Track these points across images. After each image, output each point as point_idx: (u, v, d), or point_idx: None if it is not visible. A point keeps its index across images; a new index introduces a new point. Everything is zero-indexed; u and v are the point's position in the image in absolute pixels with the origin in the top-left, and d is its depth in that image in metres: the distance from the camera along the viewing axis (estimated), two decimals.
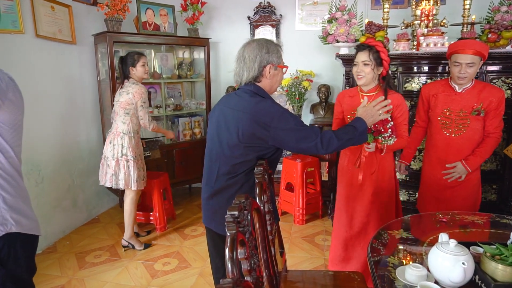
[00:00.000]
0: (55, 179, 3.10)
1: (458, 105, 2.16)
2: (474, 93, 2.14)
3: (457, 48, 2.06)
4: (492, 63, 2.67)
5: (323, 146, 1.52)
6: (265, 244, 1.46)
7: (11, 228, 1.32)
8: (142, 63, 2.82)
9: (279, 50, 1.62)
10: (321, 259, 2.81)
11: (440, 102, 2.21)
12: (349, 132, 1.59)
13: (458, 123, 2.16)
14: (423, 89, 2.35)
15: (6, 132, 1.31)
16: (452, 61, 2.09)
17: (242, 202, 1.17)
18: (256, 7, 3.96)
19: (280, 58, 1.62)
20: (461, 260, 1.09)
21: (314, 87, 3.84)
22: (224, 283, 0.73)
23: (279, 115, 1.48)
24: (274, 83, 1.63)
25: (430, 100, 2.28)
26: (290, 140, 1.50)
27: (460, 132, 2.17)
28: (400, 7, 3.60)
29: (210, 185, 1.70)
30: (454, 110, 2.16)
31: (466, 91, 2.15)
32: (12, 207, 1.33)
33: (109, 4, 3.30)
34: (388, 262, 1.34)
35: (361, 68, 2.01)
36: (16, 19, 2.68)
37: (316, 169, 3.53)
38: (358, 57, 2.02)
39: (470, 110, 2.13)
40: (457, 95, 2.17)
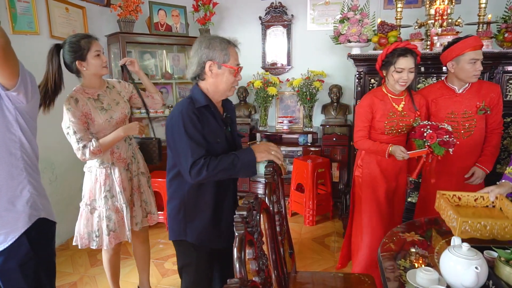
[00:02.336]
0: (68, 178, 3.15)
1: (461, 107, 2.10)
2: (474, 92, 2.09)
3: (470, 45, 2.00)
4: (509, 63, 2.61)
5: (191, 173, 1.38)
6: (274, 245, 1.46)
7: (41, 213, 1.38)
8: (96, 52, 1.85)
9: (227, 48, 1.46)
10: (331, 261, 2.78)
11: (442, 107, 2.14)
12: (226, 163, 1.40)
13: (465, 125, 2.11)
14: (415, 96, 2.26)
15: (30, 125, 1.36)
16: (467, 59, 2.01)
17: (251, 202, 1.16)
18: (267, 7, 3.95)
19: (227, 57, 1.45)
20: (474, 264, 1.07)
21: (326, 87, 3.81)
22: (231, 283, 0.73)
23: (177, 126, 1.42)
24: (220, 83, 1.48)
25: (430, 106, 2.18)
26: (175, 155, 1.47)
27: (468, 134, 2.12)
28: (413, 6, 3.55)
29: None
30: (459, 112, 2.11)
31: (466, 91, 2.11)
32: (40, 194, 1.40)
33: (122, 5, 3.34)
34: (399, 265, 1.32)
35: (407, 75, 1.97)
36: (32, 20, 2.73)
37: (327, 170, 3.50)
38: (403, 63, 1.96)
39: (475, 110, 2.08)
40: (458, 96, 2.11)
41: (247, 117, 3.98)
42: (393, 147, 2.03)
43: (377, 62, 2.14)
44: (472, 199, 1.70)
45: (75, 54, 1.81)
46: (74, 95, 1.85)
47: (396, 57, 1.98)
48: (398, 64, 1.97)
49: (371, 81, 2.87)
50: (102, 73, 1.92)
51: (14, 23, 2.59)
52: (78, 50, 1.81)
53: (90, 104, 1.86)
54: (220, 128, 1.52)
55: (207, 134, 1.45)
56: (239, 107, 4.02)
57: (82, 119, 1.83)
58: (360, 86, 2.89)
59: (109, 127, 1.92)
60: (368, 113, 2.11)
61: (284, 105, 4.08)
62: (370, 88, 2.87)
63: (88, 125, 1.87)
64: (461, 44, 2.02)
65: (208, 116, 1.48)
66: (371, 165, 2.21)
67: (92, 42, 1.84)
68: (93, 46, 1.84)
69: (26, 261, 1.32)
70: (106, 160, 1.96)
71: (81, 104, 1.84)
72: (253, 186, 3.93)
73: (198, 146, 1.40)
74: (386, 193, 2.20)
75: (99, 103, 1.91)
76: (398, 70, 1.98)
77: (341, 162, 3.64)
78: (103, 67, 1.89)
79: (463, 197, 1.71)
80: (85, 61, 1.83)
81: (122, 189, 1.99)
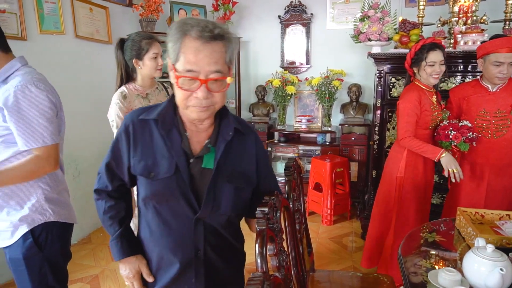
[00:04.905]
0: (91, 174, 3.23)
1: (494, 105, 2.06)
2: (509, 91, 2.04)
3: (497, 47, 1.96)
4: None
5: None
6: (294, 242, 1.47)
7: (49, 217, 1.42)
8: (153, 54, 1.91)
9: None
10: (349, 260, 2.77)
11: (473, 105, 2.12)
12: (107, 216, 1.19)
13: (497, 124, 2.06)
14: (450, 93, 2.25)
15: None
16: (492, 60, 1.98)
17: (272, 199, 1.17)
18: (286, 6, 3.95)
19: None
20: (499, 266, 1.05)
21: (345, 86, 3.78)
22: (255, 276, 0.74)
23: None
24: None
25: (462, 104, 2.17)
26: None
27: (500, 134, 2.07)
28: (436, 4, 3.48)
29: None
30: (491, 111, 2.07)
31: (500, 89, 2.06)
32: (50, 198, 1.43)
33: (143, 5, 3.41)
34: (420, 266, 1.31)
35: (439, 67, 2.03)
36: (58, 20, 2.82)
37: (346, 169, 3.48)
38: (433, 56, 2.02)
39: (509, 110, 2.03)
40: (491, 95, 2.07)
41: (265, 115, 3.99)
42: (446, 156, 1.99)
43: (406, 61, 2.16)
44: (497, 217, 1.61)
45: (134, 52, 1.89)
46: (124, 90, 1.93)
47: (426, 52, 2.03)
48: (429, 58, 2.02)
49: (391, 80, 2.83)
50: (154, 75, 1.98)
51: (42, 23, 2.67)
52: (137, 49, 1.89)
53: (137, 101, 1.94)
54: (167, 156, 1.03)
55: (136, 160, 1.06)
56: (257, 105, 4.04)
57: None
58: (380, 85, 2.85)
59: None
60: (417, 108, 2.08)
61: (302, 104, 4.07)
62: (391, 87, 2.83)
63: None
64: (489, 43, 1.99)
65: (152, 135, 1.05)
66: (416, 165, 2.17)
67: (153, 44, 1.91)
68: (152, 48, 1.90)
69: (30, 255, 1.38)
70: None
71: (129, 100, 1.90)
72: None
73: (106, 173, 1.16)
74: (426, 193, 2.26)
75: (147, 101, 1.98)
76: (430, 64, 2.03)
77: (359, 161, 3.61)
78: (157, 70, 1.95)
79: (487, 215, 1.62)
80: (142, 61, 1.91)
81: None
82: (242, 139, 1.10)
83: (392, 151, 2.29)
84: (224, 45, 0.94)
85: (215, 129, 1.07)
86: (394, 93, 2.83)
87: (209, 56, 0.92)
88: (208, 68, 0.92)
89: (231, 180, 1.06)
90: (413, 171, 2.18)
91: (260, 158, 1.15)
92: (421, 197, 2.23)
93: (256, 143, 1.15)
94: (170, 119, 1.04)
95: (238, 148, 1.09)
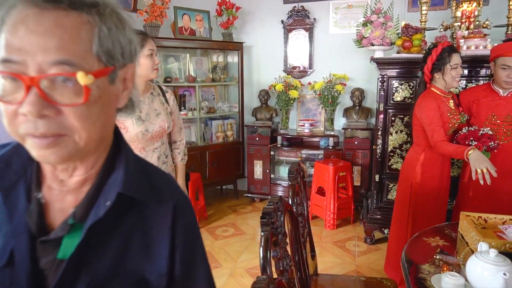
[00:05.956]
0: None
1: (504, 110, 2.07)
2: None
3: (505, 51, 1.97)
4: None
5: None
6: (297, 246, 1.48)
7: None
8: (149, 51, 1.65)
9: None
10: (352, 264, 2.77)
11: (483, 108, 2.12)
12: None
13: (506, 129, 2.07)
14: (461, 96, 2.26)
15: None
16: (499, 64, 1.99)
17: (276, 203, 1.19)
18: (289, 11, 3.98)
19: None
20: (502, 270, 1.05)
21: (348, 90, 3.80)
22: (259, 280, 0.76)
23: None
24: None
25: (472, 107, 2.17)
26: None
27: (509, 139, 2.08)
28: (439, 8, 3.49)
29: None
30: (501, 115, 2.07)
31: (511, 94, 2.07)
32: None
33: (148, 10, 3.44)
34: (423, 270, 1.31)
35: (461, 70, 2.04)
36: None
37: (349, 173, 3.49)
38: (456, 59, 2.02)
39: None
40: (502, 100, 2.08)
41: (268, 120, 4.01)
42: (475, 152, 1.82)
43: (426, 67, 2.10)
44: (500, 221, 1.60)
45: None
46: None
47: (449, 55, 2.02)
48: (453, 61, 2.02)
49: (394, 84, 2.84)
50: (151, 77, 1.70)
51: None
52: None
53: None
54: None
55: None
56: (260, 110, 4.06)
57: None
58: (383, 89, 2.86)
59: (142, 140, 1.68)
60: (439, 114, 2.05)
61: (305, 108, 4.09)
62: (393, 91, 2.84)
63: None
64: (499, 47, 2.03)
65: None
66: (433, 170, 2.14)
67: (147, 40, 1.64)
68: (147, 44, 1.63)
69: None
70: None
71: None
72: (274, 189, 3.95)
73: None
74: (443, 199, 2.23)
75: (137, 111, 1.60)
76: (454, 66, 2.02)
77: (362, 165, 3.61)
78: (154, 70, 1.68)
79: (490, 219, 1.61)
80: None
81: None
82: (140, 212, 0.60)
83: (408, 157, 2.27)
84: (88, 19, 0.51)
85: (92, 190, 0.58)
86: (397, 98, 2.84)
87: (43, 33, 0.48)
88: (43, 56, 0.48)
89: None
90: (429, 177, 2.15)
91: (179, 247, 0.62)
92: (437, 203, 2.20)
93: (176, 219, 0.63)
94: (18, 166, 0.59)
95: (130, 229, 0.59)
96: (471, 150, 1.83)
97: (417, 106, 2.14)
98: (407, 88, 2.81)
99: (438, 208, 2.22)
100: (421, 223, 2.19)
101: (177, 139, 1.94)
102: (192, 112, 3.82)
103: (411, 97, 2.78)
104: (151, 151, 1.73)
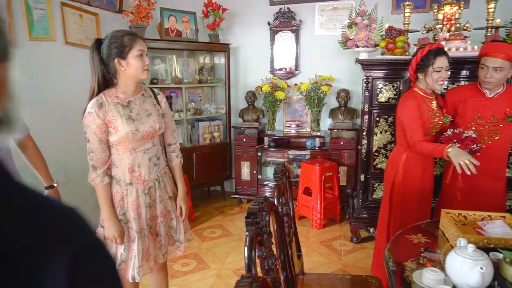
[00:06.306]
0: (81, 180, 3.21)
1: (489, 111, 2.10)
2: (506, 98, 2.09)
3: (486, 51, 2.00)
4: None
5: None
6: (283, 246, 1.49)
7: None
8: (139, 51, 1.62)
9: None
10: (339, 264, 2.80)
11: (469, 108, 2.15)
12: None
13: (490, 129, 2.11)
14: (447, 94, 2.28)
15: None
16: (481, 63, 2.03)
17: (261, 203, 1.20)
18: (276, 12, 4.00)
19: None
20: (479, 264, 1.09)
21: (333, 91, 3.84)
22: (243, 279, 0.77)
23: None
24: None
25: (458, 106, 2.20)
26: None
27: (492, 139, 2.12)
28: (421, 11, 3.57)
29: None
30: (486, 116, 2.11)
31: (498, 96, 2.10)
32: None
33: (134, 11, 3.43)
34: (405, 266, 1.34)
35: (445, 73, 2.03)
36: (47, 27, 2.82)
37: (335, 173, 3.52)
38: (440, 62, 2.01)
39: (503, 116, 2.08)
40: (488, 100, 2.11)
41: (255, 121, 4.03)
42: (454, 149, 1.85)
43: (411, 66, 2.14)
44: (479, 218, 1.66)
45: (116, 50, 1.59)
46: (100, 98, 1.62)
47: (433, 58, 2.02)
48: (437, 64, 2.01)
49: (379, 85, 2.89)
50: (141, 78, 1.67)
51: (31, 30, 2.67)
52: (119, 46, 1.58)
53: (115, 110, 1.62)
54: None
55: None
56: (247, 111, 4.07)
57: (101, 127, 1.61)
58: (368, 90, 2.91)
59: (132, 140, 1.65)
60: (419, 113, 2.08)
61: (292, 109, 4.12)
62: (378, 92, 2.89)
63: (108, 135, 1.64)
64: (483, 47, 2.04)
65: None
66: (415, 170, 2.17)
67: (137, 40, 1.62)
68: (136, 45, 1.61)
69: None
70: (123, 177, 1.69)
71: (106, 110, 1.60)
72: (261, 190, 3.97)
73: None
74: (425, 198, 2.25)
75: (128, 111, 1.65)
76: (437, 70, 2.02)
77: (348, 165, 3.66)
78: (144, 70, 1.64)
79: (469, 216, 1.67)
80: (125, 60, 1.59)
81: (137, 216, 1.70)
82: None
83: (391, 157, 2.31)
84: None
85: None
86: (381, 98, 2.89)
87: None
88: None
89: None
90: (411, 177, 2.18)
91: None
92: (421, 202, 2.22)
93: (76, 271, 0.44)
94: None
95: None
96: (450, 147, 1.86)
97: (399, 105, 2.18)
98: (391, 89, 2.86)
99: (422, 207, 2.25)
100: (405, 222, 2.23)
101: (171, 142, 1.92)
102: (178, 114, 3.81)
103: (395, 98, 2.83)
104: (141, 152, 1.70)
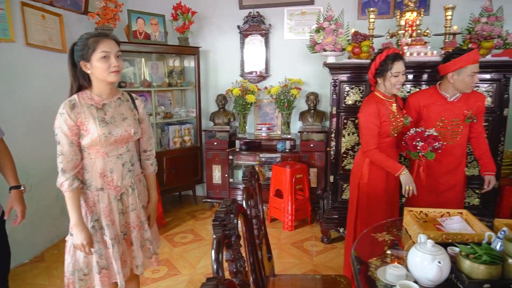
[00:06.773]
0: (44, 187, 3.09)
1: (451, 114, 2.22)
2: (464, 101, 2.22)
3: (476, 57, 2.10)
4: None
5: None
6: (252, 248, 1.50)
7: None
8: (102, 53, 1.55)
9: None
10: (310, 264, 2.84)
11: (433, 112, 2.25)
12: None
13: (452, 131, 2.24)
14: (410, 99, 2.35)
15: None
16: (469, 72, 2.10)
17: (228, 206, 1.20)
18: (245, 16, 4.03)
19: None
20: (437, 259, 1.14)
21: (303, 95, 3.91)
22: (208, 281, 0.77)
23: None
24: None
25: (422, 111, 2.29)
26: None
27: (454, 140, 2.25)
28: (385, 17, 3.70)
29: None
30: (448, 118, 2.23)
31: (457, 100, 2.23)
32: None
33: (100, 13, 3.34)
34: (371, 263, 1.39)
35: (402, 78, 2.11)
36: (6, 27, 2.70)
37: (305, 175, 3.58)
38: (398, 67, 2.09)
39: (462, 118, 2.21)
40: (449, 104, 2.23)
41: (226, 124, 4.02)
42: (406, 174, 2.10)
43: (370, 71, 2.21)
44: (439, 214, 1.76)
45: (79, 52, 1.55)
46: (73, 99, 1.58)
47: (391, 63, 2.09)
48: (395, 69, 2.09)
49: (346, 88, 2.97)
50: (109, 80, 1.58)
51: None
52: (83, 49, 1.54)
53: (88, 112, 1.58)
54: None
55: None
56: (218, 114, 4.06)
57: (72, 129, 1.56)
58: (335, 93, 2.98)
59: (105, 143, 1.60)
60: (377, 120, 2.14)
61: (262, 112, 4.15)
62: (345, 95, 2.97)
63: (79, 137, 1.59)
64: (465, 57, 2.10)
65: None
66: (379, 171, 2.23)
67: (100, 41, 1.53)
68: (99, 46, 1.53)
69: None
70: (94, 182, 1.63)
71: (78, 111, 1.56)
72: (233, 193, 3.96)
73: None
74: (392, 198, 2.32)
75: (102, 113, 1.61)
76: (395, 74, 2.09)
77: (318, 167, 3.73)
78: (110, 73, 1.56)
79: (430, 213, 1.76)
80: (89, 62, 1.55)
81: (110, 222, 1.64)
82: None
83: (356, 158, 2.37)
84: None
85: None
86: (349, 101, 2.97)
87: None
88: None
89: None
90: (376, 178, 2.25)
91: None
92: (387, 202, 2.29)
93: None
94: None
95: None
96: (404, 171, 2.10)
97: (360, 110, 2.25)
98: (358, 92, 2.95)
99: (389, 206, 2.32)
100: (371, 221, 2.30)
101: (147, 149, 1.88)
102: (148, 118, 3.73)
103: (361, 101, 2.91)
104: (115, 157, 1.65)
